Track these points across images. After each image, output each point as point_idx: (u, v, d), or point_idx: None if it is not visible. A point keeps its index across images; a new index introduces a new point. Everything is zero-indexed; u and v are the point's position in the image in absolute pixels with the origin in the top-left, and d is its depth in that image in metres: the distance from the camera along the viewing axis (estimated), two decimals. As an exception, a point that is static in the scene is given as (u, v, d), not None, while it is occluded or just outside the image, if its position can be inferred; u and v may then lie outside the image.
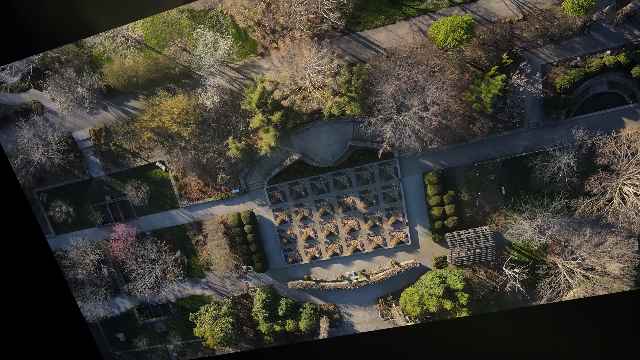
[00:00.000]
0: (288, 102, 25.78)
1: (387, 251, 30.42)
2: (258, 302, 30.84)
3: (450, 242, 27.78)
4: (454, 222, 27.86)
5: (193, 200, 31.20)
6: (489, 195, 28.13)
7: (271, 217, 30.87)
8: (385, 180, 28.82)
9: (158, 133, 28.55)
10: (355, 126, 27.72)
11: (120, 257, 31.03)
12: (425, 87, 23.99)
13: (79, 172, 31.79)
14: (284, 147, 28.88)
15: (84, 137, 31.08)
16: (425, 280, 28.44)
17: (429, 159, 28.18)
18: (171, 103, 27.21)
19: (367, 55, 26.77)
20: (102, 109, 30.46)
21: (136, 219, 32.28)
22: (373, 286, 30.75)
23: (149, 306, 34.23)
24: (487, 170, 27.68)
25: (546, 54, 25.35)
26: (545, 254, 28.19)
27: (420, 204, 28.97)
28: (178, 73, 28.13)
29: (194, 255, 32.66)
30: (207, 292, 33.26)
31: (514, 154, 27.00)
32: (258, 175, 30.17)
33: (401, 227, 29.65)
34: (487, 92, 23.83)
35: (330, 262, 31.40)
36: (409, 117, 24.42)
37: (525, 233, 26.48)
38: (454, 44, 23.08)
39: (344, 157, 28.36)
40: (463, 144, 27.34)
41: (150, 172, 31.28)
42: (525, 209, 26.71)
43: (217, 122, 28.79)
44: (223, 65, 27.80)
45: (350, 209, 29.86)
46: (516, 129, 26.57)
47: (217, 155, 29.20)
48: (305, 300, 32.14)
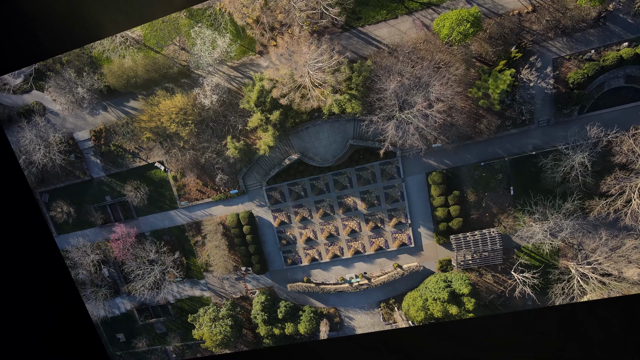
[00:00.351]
0: (287, 100, 25.20)
1: (389, 253, 29.54)
2: (257, 305, 30.34)
3: (456, 245, 26.70)
4: (459, 224, 26.78)
5: (192, 200, 30.93)
6: (497, 196, 26.94)
7: (270, 218, 30.34)
8: (387, 181, 27.95)
9: (157, 133, 28.37)
10: (356, 125, 26.95)
11: (120, 257, 31.00)
12: (430, 84, 23.03)
13: (79, 172, 31.94)
14: (283, 147, 28.32)
15: (85, 138, 31.20)
16: (429, 284, 27.43)
17: (432, 158, 27.19)
18: (169, 103, 26.97)
19: (368, 52, 25.99)
20: (102, 109, 30.52)
21: (136, 220, 32.22)
22: (375, 289, 29.90)
23: (148, 307, 34.13)
24: (494, 170, 26.51)
25: (558, 47, 24.05)
26: (557, 258, 26.80)
27: (423, 205, 27.99)
28: (176, 72, 27.90)
29: (192, 256, 32.40)
30: (206, 293, 32.94)
31: (523, 153, 25.79)
32: (257, 176, 29.68)
33: (404, 229, 28.73)
34: (495, 87, 22.71)
35: (330, 264, 30.68)
36: (412, 115, 23.50)
37: (536, 236, 25.20)
38: (459, 38, 22.06)
39: (344, 157, 27.65)
40: (469, 143, 26.27)
41: (149, 172, 31.18)
42: (535, 210, 25.42)
43: (216, 122, 28.44)
44: (221, 63, 27.43)
45: (351, 210, 29.11)
46: (525, 127, 25.34)
47: (216, 155, 28.85)
48: (305, 303, 31.49)
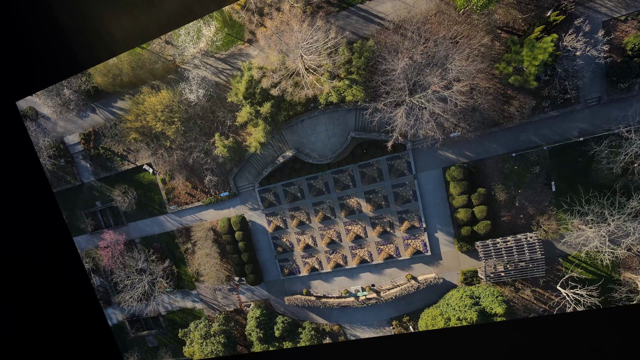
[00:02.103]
0: (279, 90, 22.26)
1: (401, 263, 25.41)
2: (252, 320, 27.27)
3: (483, 253, 22.09)
4: (486, 228, 22.19)
5: (181, 204, 28.74)
6: (533, 194, 22.10)
7: (264, 222, 27.35)
8: (397, 178, 24.03)
9: (143, 133, 26.54)
10: (357, 114, 23.39)
11: (109, 266, 29.30)
12: (447, 59, 19.00)
13: (70, 177, 30.98)
14: (276, 143, 25.37)
15: (75, 142, 30.24)
16: (451, 300, 22.92)
17: (450, 150, 22.94)
18: (154, 100, 25.05)
19: (370, 31, 22.50)
20: (90, 111, 29.42)
21: (126, 226, 30.63)
22: (385, 304, 25.84)
23: (139, 318, 32.20)
24: (529, 162, 21.76)
25: (609, 6, 19.15)
26: (618, 270, 21.26)
27: (441, 206, 23.71)
28: (162, 68, 26.04)
29: (183, 265, 30.12)
30: (198, 305, 30.44)
31: (566, 140, 20.90)
32: (249, 176, 26.90)
33: (418, 234, 24.52)
34: (532, 59, 18.23)
35: (332, 275, 27.03)
36: (425, 99, 19.57)
37: (590, 242, 20.03)
38: (481, 4, 18.03)
39: (345, 152, 24.19)
40: (495, 130, 21.80)
41: (138, 175, 29.51)
42: (588, 211, 20.26)
43: (203, 119, 26.13)
44: (208, 55, 25.18)
45: (354, 213, 25.41)
46: (569, 107, 20.48)
47: (204, 155, 26.48)
48: (305, 319, 27.98)
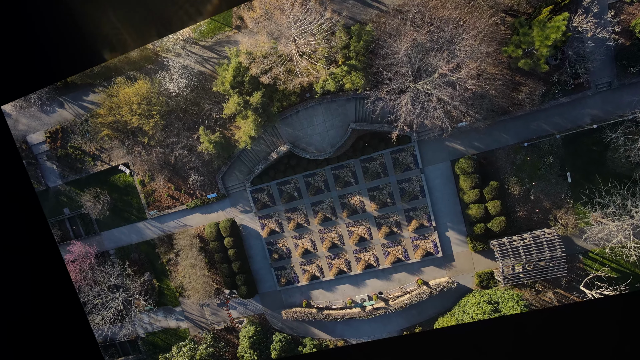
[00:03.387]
0: (270, 78, 20.22)
1: (411, 266, 23.17)
2: (244, 340, 23.99)
3: (500, 252, 20.19)
4: (501, 225, 20.40)
5: (163, 209, 25.61)
6: (548, 186, 20.65)
7: (257, 226, 24.59)
8: (402, 173, 22.13)
9: (117, 129, 23.63)
10: (358, 104, 21.55)
11: (77, 283, 25.39)
12: (455, 39, 17.54)
13: (34, 181, 27.26)
14: (268, 137, 23.06)
15: (39, 141, 26.79)
16: (467, 307, 20.72)
17: (458, 141, 21.38)
18: (129, 91, 22.34)
19: (369, 16, 21.05)
20: (58, 106, 26.22)
21: (98, 235, 26.98)
22: (394, 314, 23.32)
23: (114, 343, 28.04)
24: (542, 152, 20.43)
25: (615, -13, 18.53)
26: (644, 266, 19.80)
27: (451, 202, 21.88)
28: (139, 57, 23.50)
29: (165, 278, 26.64)
30: (182, 324, 26.80)
31: (579, 127, 19.78)
32: (239, 175, 24.27)
33: (427, 234, 22.46)
34: (544, 39, 17.01)
35: (335, 283, 24.40)
36: (432, 84, 17.94)
37: (614, 237, 18.51)
38: (485, -17, 16.85)
39: (345, 146, 22.20)
40: (505, 119, 20.49)
41: (113, 177, 26.25)
42: (609, 202, 18.85)
43: (186, 112, 23.58)
44: (191, 43, 22.93)
45: (357, 213, 23.17)
46: (580, 93, 19.45)
47: (188, 152, 23.75)
48: (306, 335, 24.95)
